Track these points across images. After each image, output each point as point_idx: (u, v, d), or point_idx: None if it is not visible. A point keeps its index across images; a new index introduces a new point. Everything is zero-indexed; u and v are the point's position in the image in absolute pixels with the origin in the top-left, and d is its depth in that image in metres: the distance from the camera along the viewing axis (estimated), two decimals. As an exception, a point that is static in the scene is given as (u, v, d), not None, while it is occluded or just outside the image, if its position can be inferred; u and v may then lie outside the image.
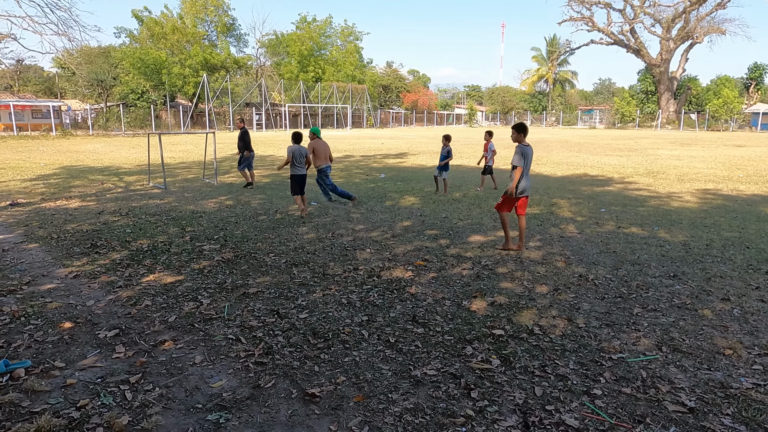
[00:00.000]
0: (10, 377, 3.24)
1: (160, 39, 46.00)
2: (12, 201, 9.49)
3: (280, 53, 55.94)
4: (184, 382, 3.24)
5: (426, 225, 7.77)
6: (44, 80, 55.80)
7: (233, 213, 8.61)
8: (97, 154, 20.19)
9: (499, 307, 4.47)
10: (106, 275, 5.30)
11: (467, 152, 22.67)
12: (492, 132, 11.55)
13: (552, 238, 6.98)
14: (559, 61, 72.80)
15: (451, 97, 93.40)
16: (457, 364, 3.48)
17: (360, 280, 5.18)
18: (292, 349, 3.69)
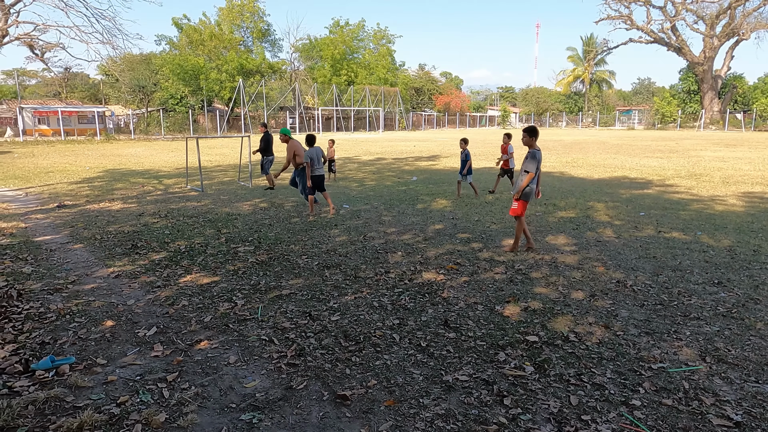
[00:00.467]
0: (55, 372, 3.38)
1: (198, 45, 47.32)
2: (59, 203, 9.92)
3: (314, 57, 56.72)
4: (218, 382, 3.31)
5: (458, 228, 7.70)
6: (90, 87, 58.21)
7: (267, 215, 8.76)
8: (139, 158, 20.89)
9: (533, 313, 4.38)
10: (145, 275, 5.47)
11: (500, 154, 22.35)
12: (511, 134, 11.33)
13: (588, 242, 6.81)
14: (596, 60, 71.10)
15: (484, 99, 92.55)
16: (489, 370, 3.43)
17: (391, 284, 5.18)
18: (324, 351, 3.71)
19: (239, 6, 49.62)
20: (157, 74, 47.58)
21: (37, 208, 9.61)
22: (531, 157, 5.93)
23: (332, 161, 14.14)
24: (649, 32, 57.09)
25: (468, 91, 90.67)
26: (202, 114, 46.50)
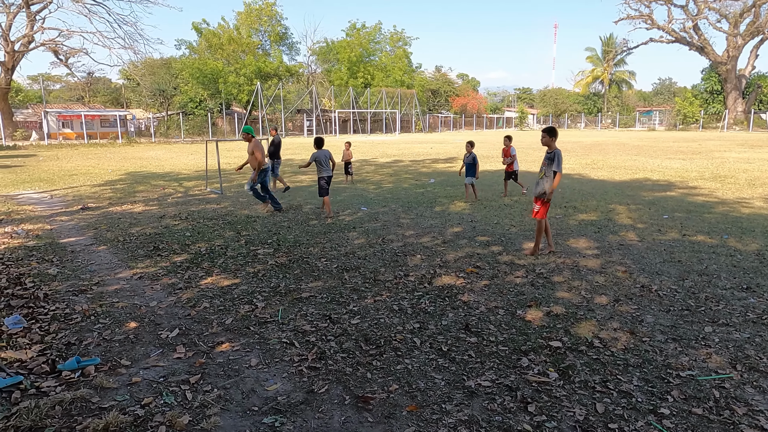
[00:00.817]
0: (81, 373, 3.43)
1: (217, 50, 47.96)
2: (83, 205, 10.11)
3: (331, 60, 57.00)
4: (240, 384, 3.32)
5: (477, 231, 7.64)
6: (111, 91, 59.37)
7: (286, 218, 8.80)
8: (159, 161, 21.21)
9: (556, 318, 4.32)
10: (167, 277, 5.54)
11: (518, 156, 22.14)
12: (511, 136, 11.29)
13: (611, 245, 6.69)
14: (615, 61, 70.20)
15: (501, 101, 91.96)
16: (512, 376, 3.38)
17: (411, 287, 5.15)
18: (345, 354, 3.70)
19: (257, 10, 50.19)
20: (177, 78, 48.34)
21: (61, 210, 9.80)
22: (558, 158, 5.87)
23: (349, 163, 14.17)
24: (670, 31, 56.15)
25: (485, 93, 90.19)
26: (220, 117, 47.07)
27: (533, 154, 23.08)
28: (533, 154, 23.50)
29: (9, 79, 37.34)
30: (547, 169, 5.95)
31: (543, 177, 6.03)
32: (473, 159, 10.36)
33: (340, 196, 11.33)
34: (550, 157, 5.94)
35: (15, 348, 3.76)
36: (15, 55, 36.52)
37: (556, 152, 5.92)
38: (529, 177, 14.58)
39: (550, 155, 5.95)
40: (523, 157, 21.79)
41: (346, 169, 14.18)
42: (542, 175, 6.04)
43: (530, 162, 19.39)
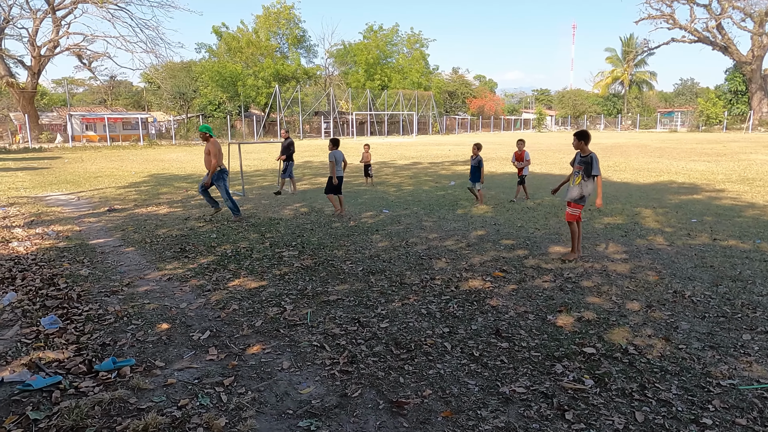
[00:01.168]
0: (117, 374, 3.48)
1: (236, 53, 48.49)
2: (109, 207, 10.29)
3: (348, 62, 57.20)
4: (274, 387, 3.33)
5: (501, 234, 7.58)
6: (133, 94, 60.42)
7: (308, 220, 8.84)
8: (180, 163, 21.50)
9: (588, 324, 4.25)
10: (195, 279, 5.60)
11: (538, 158, 21.99)
12: (524, 140, 11.05)
13: (639, 250, 6.58)
14: (636, 61, 69.20)
15: (518, 102, 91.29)
16: (547, 382, 3.33)
17: (438, 290, 5.13)
18: (376, 358, 3.70)
19: (276, 13, 50.62)
20: (197, 81, 48.98)
21: (89, 211, 9.99)
22: (595, 161, 5.81)
23: (368, 166, 14.19)
24: (692, 31, 55.18)
25: (502, 94, 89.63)
26: (239, 119, 47.57)
27: (553, 157, 22.87)
28: (553, 156, 23.28)
29: (35, 82, 38.23)
30: (584, 173, 5.84)
31: (581, 182, 5.91)
32: (479, 162, 10.09)
33: (360, 198, 11.35)
34: (585, 161, 5.84)
35: (52, 348, 3.83)
36: (41, 60, 37.39)
37: (592, 156, 5.85)
38: (550, 179, 14.45)
39: (585, 159, 5.86)
40: (542, 159, 21.61)
41: (365, 172, 14.21)
42: (579, 180, 5.92)
43: (550, 164, 19.22)
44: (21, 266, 6.02)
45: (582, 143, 5.90)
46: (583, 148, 5.91)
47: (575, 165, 6.02)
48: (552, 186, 12.77)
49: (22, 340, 3.99)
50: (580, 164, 5.93)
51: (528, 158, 10.77)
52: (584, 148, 5.91)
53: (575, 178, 5.99)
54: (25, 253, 6.67)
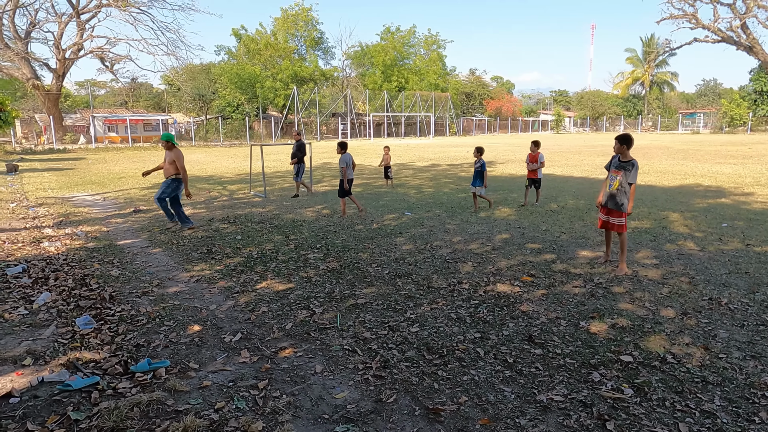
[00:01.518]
0: (153, 375, 3.51)
1: (254, 55, 48.93)
2: (135, 208, 10.44)
3: (365, 64, 57.34)
4: (308, 391, 3.33)
5: (526, 238, 7.50)
6: (154, 96, 61.35)
7: (331, 222, 8.86)
8: (201, 164, 21.74)
9: (622, 331, 4.18)
10: (223, 280, 5.63)
11: (559, 160, 21.77)
12: (539, 142, 10.60)
13: (670, 255, 6.45)
14: (657, 62, 68.11)
15: (536, 103, 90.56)
16: (584, 390, 3.28)
17: (466, 295, 5.09)
18: (409, 363, 3.67)
19: (294, 15, 50.98)
20: (216, 83, 49.55)
21: (115, 212, 10.14)
22: (636, 169, 5.60)
23: (388, 168, 14.18)
24: (716, 31, 54.10)
25: (519, 95, 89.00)
26: (257, 121, 47.97)
27: (573, 159, 22.62)
28: (573, 158, 23.02)
29: (60, 85, 39.04)
30: (623, 179, 5.64)
31: (618, 188, 5.66)
32: (481, 166, 9.81)
33: (382, 200, 11.35)
34: (626, 167, 5.61)
35: (89, 348, 3.89)
36: (66, 62, 38.18)
37: (633, 162, 5.63)
38: (572, 182, 14.28)
39: (625, 164, 5.63)
40: (562, 161, 21.38)
41: (385, 173, 14.21)
42: (617, 185, 5.67)
43: (571, 166, 19.01)
44: (53, 266, 6.13)
45: (624, 147, 5.64)
46: (625, 152, 5.67)
47: (612, 169, 5.77)
48: (575, 189, 12.66)
49: (59, 340, 4.06)
50: (619, 169, 5.68)
51: (542, 160, 10.42)
52: (625, 153, 5.67)
53: (613, 182, 5.73)
54: (56, 253, 6.79)
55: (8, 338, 4.08)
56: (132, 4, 36.83)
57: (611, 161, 5.87)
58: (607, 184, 5.84)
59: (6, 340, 4.03)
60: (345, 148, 9.48)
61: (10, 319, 4.47)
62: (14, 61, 36.51)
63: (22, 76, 36.97)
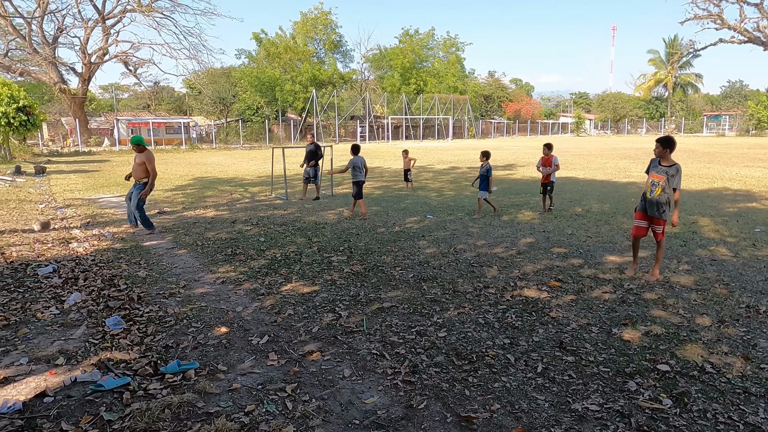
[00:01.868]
0: (182, 377, 3.52)
1: (274, 58, 49.38)
2: (159, 210, 10.58)
3: (384, 67, 57.42)
4: (337, 396, 3.30)
5: (551, 242, 7.39)
6: (175, 99, 62.26)
7: (353, 225, 8.84)
8: (222, 166, 21.97)
9: (657, 338, 4.06)
10: (248, 282, 5.65)
11: (580, 163, 21.47)
12: (552, 144, 9.96)
13: (702, 261, 6.28)
14: (680, 63, 66.91)
15: (556, 106, 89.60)
16: (621, 400, 3.18)
17: (493, 299, 5.01)
18: (438, 369, 3.62)
19: (313, 19, 51.33)
20: (236, 86, 50.10)
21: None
22: (679, 173, 5.31)
23: (408, 170, 14.15)
24: (742, 31, 52.89)
25: (539, 98, 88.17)
26: (276, 124, 48.36)
27: (595, 162, 22.29)
28: (595, 161, 22.69)
29: (85, 89, 39.90)
30: (666, 185, 5.33)
31: (661, 194, 5.34)
32: (487, 171, 9.56)
33: (403, 203, 11.31)
34: (670, 172, 5.29)
35: (119, 349, 3.92)
36: (91, 67, 39.00)
37: (677, 167, 5.33)
38: (595, 185, 14.05)
39: (668, 169, 5.31)
40: (585, 164, 21.08)
41: (405, 176, 14.18)
42: (659, 191, 5.34)
43: (593, 170, 18.72)
44: (82, 267, 6.23)
45: (666, 151, 5.33)
46: (667, 156, 5.36)
47: (654, 173, 5.41)
48: (599, 192, 12.45)
49: (90, 340, 4.10)
50: (661, 173, 5.33)
51: (556, 163, 9.83)
52: (668, 157, 5.36)
53: (655, 188, 5.37)
54: (84, 254, 6.90)
55: (41, 337, 4.14)
56: (155, 9, 37.49)
57: (651, 165, 5.55)
58: (648, 189, 5.47)
59: (39, 340, 4.09)
60: (357, 151, 9.67)
61: (43, 318, 4.54)
62: (42, 65, 37.45)
63: (49, 81, 37.89)
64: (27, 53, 37.57)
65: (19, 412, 3.04)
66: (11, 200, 11.82)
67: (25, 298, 5.07)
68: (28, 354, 3.80)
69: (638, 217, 5.65)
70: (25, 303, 4.92)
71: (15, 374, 3.50)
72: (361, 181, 9.54)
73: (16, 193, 13.26)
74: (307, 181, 12.13)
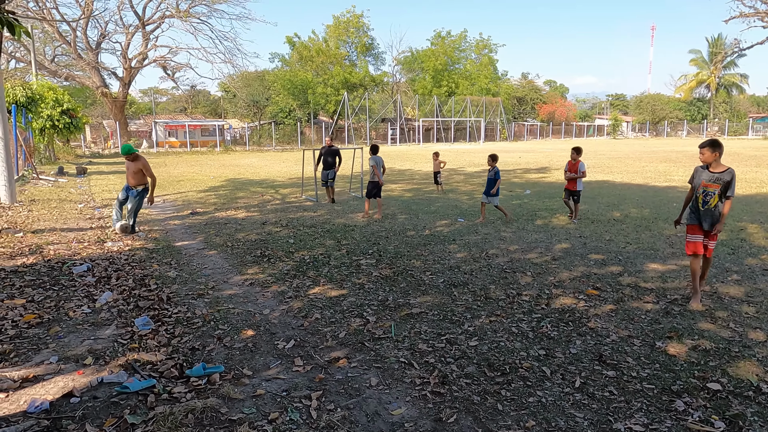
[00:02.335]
0: (207, 380, 3.46)
1: (307, 61, 49.90)
2: (192, 210, 10.72)
3: (415, 69, 57.26)
4: (363, 406, 3.18)
5: (588, 248, 7.09)
6: (211, 102, 63.71)
7: (382, 227, 8.73)
8: (254, 168, 22.25)
9: (706, 354, 3.79)
10: (276, 285, 5.60)
11: (617, 166, 20.80)
12: (581, 148, 9.15)
13: (753, 271, 5.90)
14: (724, 63, 64.34)
15: (591, 108, 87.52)
16: (668, 421, 2.96)
17: (527, 308, 4.81)
18: (469, 380, 3.46)
19: (345, 22, 51.65)
20: (270, 89, 50.84)
21: (173, 214, 10.45)
22: (734, 180, 4.71)
23: (438, 173, 13.97)
24: (792, 29, 50.40)
25: (573, 100, 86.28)
26: (308, 126, 48.83)
27: (633, 165, 21.56)
28: (633, 164, 21.95)
29: (125, 92, 41.22)
30: (720, 193, 4.74)
31: (717, 203, 4.74)
32: (495, 174, 9.08)
33: (433, 206, 11.14)
34: (724, 179, 4.69)
35: (146, 350, 3.91)
36: (131, 71, 40.27)
37: (730, 171, 4.74)
38: (633, 189, 13.54)
39: (721, 175, 4.71)
40: (621, 168, 20.41)
41: (435, 179, 14.01)
42: (715, 201, 4.73)
43: (631, 173, 18.09)
44: (115, 266, 6.32)
45: (716, 155, 4.75)
46: (717, 161, 4.79)
47: (704, 182, 4.78)
48: (637, 197, 11.98)
49: (119, 340, 4.11)
50: (715, 182, 4.72)
51: (583, 170, 8.99)
52: (718, 162, 4.80)
53: (710, 199, 4.76)
54: (118, 253, 7.01)
55: (72, 336, 4.18)
56: (193, 15, 38.41)
57: (696, 174, 4.92)
58: (700, 200, 4.82)
59: (69, 338, 4.13)
60: (376, 151, 9.93)
61: (75, 317, 4.59)
62: (86, 70, 38.87)
63: (92, 85, 39.30)
64: (72, 58, 39.08)
65: (46, 412, 3.04)
66: (52, 200, 12.21)
67: (59, 296, 5.16)
68: (58, 353, 3.83)
69: (693, 232, 4.91)
70: (59, 301, 5.00)
71: (44, 373, 3.52)
72: (376, 181, 9.77)
73: (57, 192, 13.71)
74: (326, 185, 11.94)
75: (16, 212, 10.16)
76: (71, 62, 40.22)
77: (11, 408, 3.09)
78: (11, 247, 7.08)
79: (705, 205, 4.80)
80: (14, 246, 7.17)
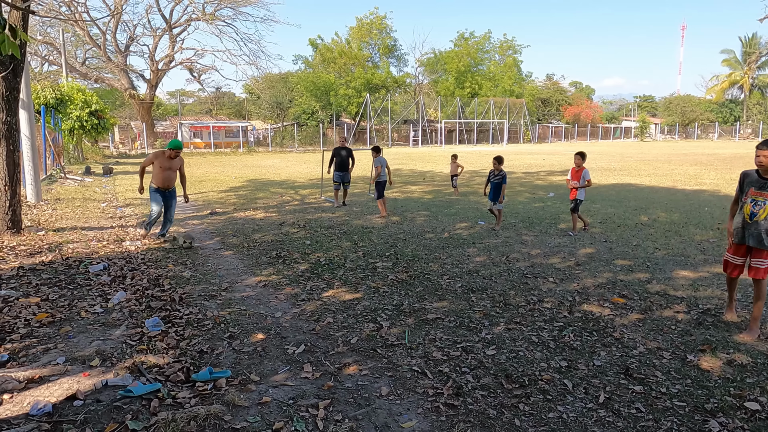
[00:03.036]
0: (213, 386, 3.36)
1: (329, 63, 50.10)
2: (211, 210, 10.75)
3: (438, 71, 56.95)
4: (372, 417, 3.03)
5: (614, 253, 6.81)
6: (235, 104, 64.50)
7: (401, 230, 8.57)
8: (276, 169, 22.34)
9: (742, 369, 3.52)
10: (290, 287, 5.50)
11: (645, 169, 20.22)
12: (585, 153, 8.11)
13: (792, 279, 5.54)
14: (758, 63, 62.25)
15: (618, 109, 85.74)
16: (701, 443, 2.73)
17: (548, 315, 4.59)
18: (485, 392, 3.27)
19: (368, 24, 51.69)
20: (293, 91, 51.19)
21: (193, 214, 10.49)
22: None
23: (455, 176, 13.72)
24: (832, 28, 48.48)
25: (600, 101, 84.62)
26: (330, 127, 48.98)
27: (662, 168, 20.92)
28: (661, 167, 21.31)
29: (153, 94, 42.03)
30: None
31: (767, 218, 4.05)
32: (502, 178, 8.42)
33: (453, 208, 10.93)
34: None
35: (154, 352, 3.83)
36: (158, 73, 41.04)
37: None
38: (662, 192, 13.08)
39: None
40: (650, 170, 19.83)
41: (452, 182, 13.79)
42: (765, 213, 4.05)
43: (660, 176, 17.54)
44: (131, 265, 6.31)
45: None
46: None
47: (752, 190, 4.14)
48: (666, 200, 11.55)
49: (127, 341, 4.04)
50: (764, 189, 4.06)
51: (587, 178, 7.98)
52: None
53: (759, 210, 4.08)
54: (135, 252, 7.02)
55: (81, 336, 4.13)
56: (218, 18, 38.95)
57: (744, 181, 4.26)
58: (747, 212, 4.16)
59: (79, 339, 4.08)
60: (379, 152, 10.35)
61: (86, 317, 4.56)
62: (115, 72, 39.78)
63: (121, 87, 40.18)
64: (102, 61, 40.05)
65: (48, 415, 2.97)
66: (77, 199, 12.41)
67: (74, 295, 5.15)
68: (66, 353, 3.77)
69: (733, 252, 4.35)
70: (73, 300, 4.98)
71: (50, 374, 3.47)
72: (384, 181, 10.07)
73: (82, 192, 13.94)
74: (338, 188, 11.58)
75: (41, 210, 10.33)
76: (101, 65, 41.21)
77: (14, 410, 3.04)
78: (32, 245, 7.16)
79: (753, 217, 4.13)
80: (35, 244, 7.25)
